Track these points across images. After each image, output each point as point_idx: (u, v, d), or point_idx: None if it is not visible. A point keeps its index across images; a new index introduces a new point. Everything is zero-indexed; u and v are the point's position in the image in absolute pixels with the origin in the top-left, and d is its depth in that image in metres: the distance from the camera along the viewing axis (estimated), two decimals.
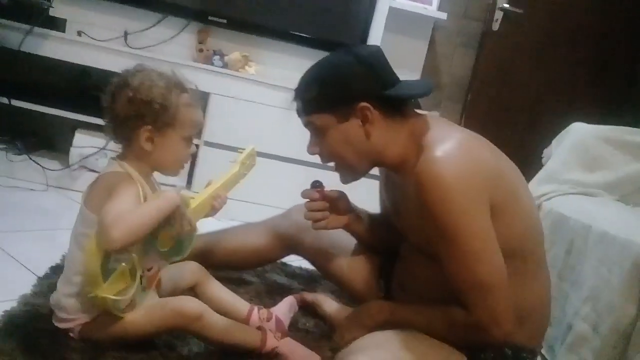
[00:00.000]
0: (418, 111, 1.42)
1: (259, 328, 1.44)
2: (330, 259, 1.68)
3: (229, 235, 1.78)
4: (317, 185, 1.54)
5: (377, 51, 1.38)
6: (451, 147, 1.22)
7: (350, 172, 1.42)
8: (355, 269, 1.64)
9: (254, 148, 1.49)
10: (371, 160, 1.39)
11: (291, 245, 1.73)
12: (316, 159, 1.44)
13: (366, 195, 1.67)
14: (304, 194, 1.54)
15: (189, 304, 1.30)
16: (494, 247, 1.19)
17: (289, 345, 1.40)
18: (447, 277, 1.22)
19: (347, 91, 1.32)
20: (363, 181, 1.47)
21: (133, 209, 1.19)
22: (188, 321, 1.28)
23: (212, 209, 1.35)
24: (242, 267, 1.85)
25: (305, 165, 2.62)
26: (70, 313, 1.28)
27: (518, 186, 1.32)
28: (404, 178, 1.36)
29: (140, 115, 1.25)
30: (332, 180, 1.48)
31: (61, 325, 1.30)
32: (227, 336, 1.34)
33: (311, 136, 1.42)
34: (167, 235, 1.26)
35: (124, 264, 1.21)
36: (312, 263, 1.77)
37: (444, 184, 1.17)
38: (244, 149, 1.48)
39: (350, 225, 1.60)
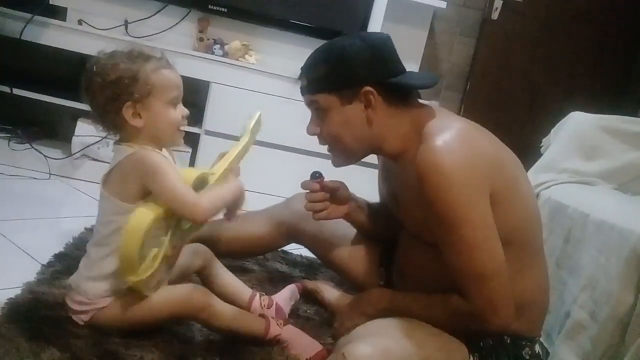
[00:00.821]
0: (420, 101, 1.43)
1: (262, 316, 1.46)
2: (330, 248, 1.69)
3: (230, 223, 1.78)
4: (316, 176, 1.53)
5: (387, 39, 1.38)
6: (451, 136, 1.23)
7: (345, 156, 1.42)
8: (355, 257, 1.66)
9: (260, 114, 1.48)
10: (369, 146, 1.39)
11: (292, 233, 1.74)
12: (317, 147, 1.45)
13: (366, 184, 1.68)
14: (304, 185, 1.54)
15: (197, 296, 1.34)
16: (494, 237, 1.20)
17: (291, 333, 1.43)
18: (447, 266, 1.23)
19: (353, 74, 1.32)
20: (363, 170, 1.47)
21: (214, 189, 1.30)
22: (196, 311, 1.33)
23: (227, 181, 1.37)
24: (243, 255, 1.86)
25: (306, 154, 2.63)
26: (90, 297, 1.29)
27: (518, 175, 1.33)
28: (403, 167, 1.37)
29: (115, 95, 1.26)
30: (332, 170, 1.48)
31: (76, 308, 1.31)
32: (233, 324, 1.37)
33: (312, 116, 1.42)
34: None
35: (156, 248, 1.24)
36: (313, 251, 1.78)
37: (444, 173, 1.18)
38: (251, 117, 1.47)
39: (350, 215, 1.60)
